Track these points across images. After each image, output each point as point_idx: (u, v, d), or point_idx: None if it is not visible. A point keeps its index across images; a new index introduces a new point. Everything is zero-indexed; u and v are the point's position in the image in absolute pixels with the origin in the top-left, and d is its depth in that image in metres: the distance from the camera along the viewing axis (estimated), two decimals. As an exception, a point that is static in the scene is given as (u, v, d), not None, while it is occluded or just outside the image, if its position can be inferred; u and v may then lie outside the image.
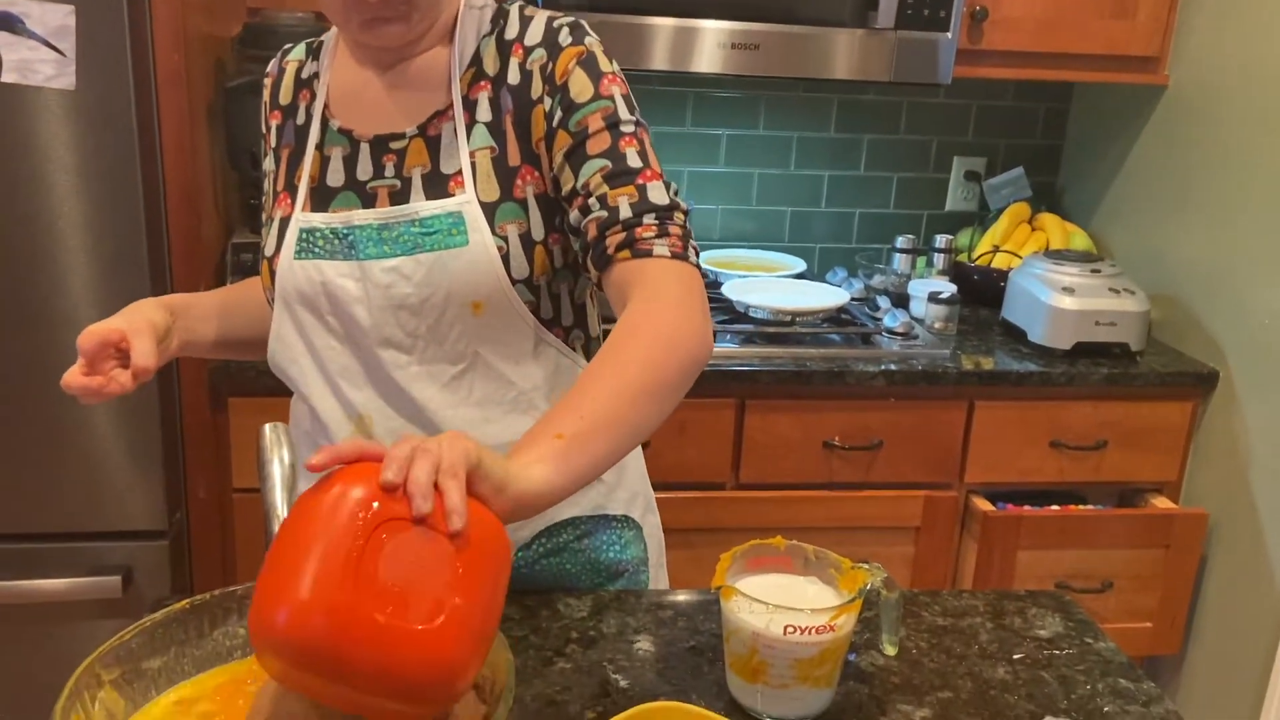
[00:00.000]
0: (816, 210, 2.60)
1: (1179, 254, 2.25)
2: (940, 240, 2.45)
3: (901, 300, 2.33)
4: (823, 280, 2.40)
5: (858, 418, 2.04)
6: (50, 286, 1.65)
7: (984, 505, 2.09)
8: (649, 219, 1.02)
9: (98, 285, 1.66)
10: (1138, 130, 2.39)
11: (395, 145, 1.09)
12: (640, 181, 1.03)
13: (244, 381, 1.83)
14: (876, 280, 2.42)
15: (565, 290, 1.12)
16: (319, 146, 1.12)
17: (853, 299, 2.27)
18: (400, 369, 1.08)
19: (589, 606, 1.10)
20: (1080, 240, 2.45)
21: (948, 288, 2.24)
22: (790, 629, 0.89)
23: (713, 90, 2.47)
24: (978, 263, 2.44)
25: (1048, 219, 2.50)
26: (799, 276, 2.39)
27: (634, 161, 1.04)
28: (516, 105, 1.07)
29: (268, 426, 0.96)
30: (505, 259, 1.05)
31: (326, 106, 1.13)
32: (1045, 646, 1.07)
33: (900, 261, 2.44)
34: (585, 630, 1.05)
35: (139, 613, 0.82)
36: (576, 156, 1.04)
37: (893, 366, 2.02)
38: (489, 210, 1.05)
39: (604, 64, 1.07)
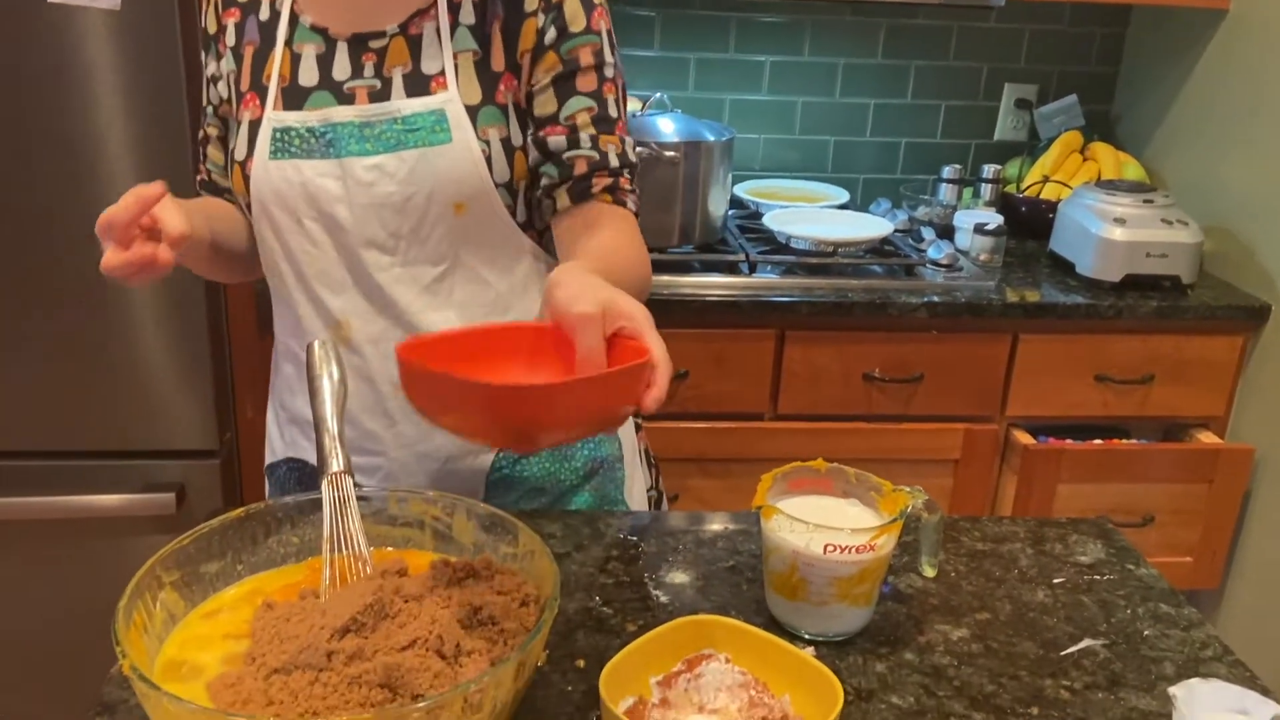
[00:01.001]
0: (861, 140, 2.55)
1: (1235, 185, 2.19)
2: (988, 170, 2.40)
3: (946, 232, 2.29)
4: (866, 211, 2.36)
5: (899, 350, 2.03)
6: (100, 206, 1.66)
7: (1025, 438, 2.08)
8: (627, 173, 1.11)
9: (146, 208, 1.67)
10: (1196, 56, 2.31)
11: (375, 44, 1.07)
12: (619, 134, 1.10)
13: (289, 306, 1.85)
14: (921, 211, 2.38)
15: (534, 197, 1.13)
16: (287, 43, 1.09)
17: (896, 230, 2.24)
18: (382, 270, 1.08)
19: (629, 526, 1.11)
20: (1133, 170, 2.39)
21: (994, 219, 2.21)
22: (830, 548, 0.89)
23: (756, 15, 2.42)
24: (1026, 194, 2.39)
25: (1100, 148, 2.44)
26: (842, 207, 2.36)
27: (613, 110, 1.10)
28: (507, 13, 1.07)
29: (316, 343, 0.97)
30: (488, 162, 1.06)
31: (295, 1, 1.10)
32: (1085, 572, 1.07)
33: (946, 192, 2.40)
34: (626, 549, 1.07)
35: (193, 528, 0.84)
36: (564, 87, 1.08)
37: (935, 299, 2.00)
38: (471, 113, 1.06)
39: None
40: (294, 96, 1.08)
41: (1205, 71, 2.30)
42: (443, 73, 1.06)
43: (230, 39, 1.13)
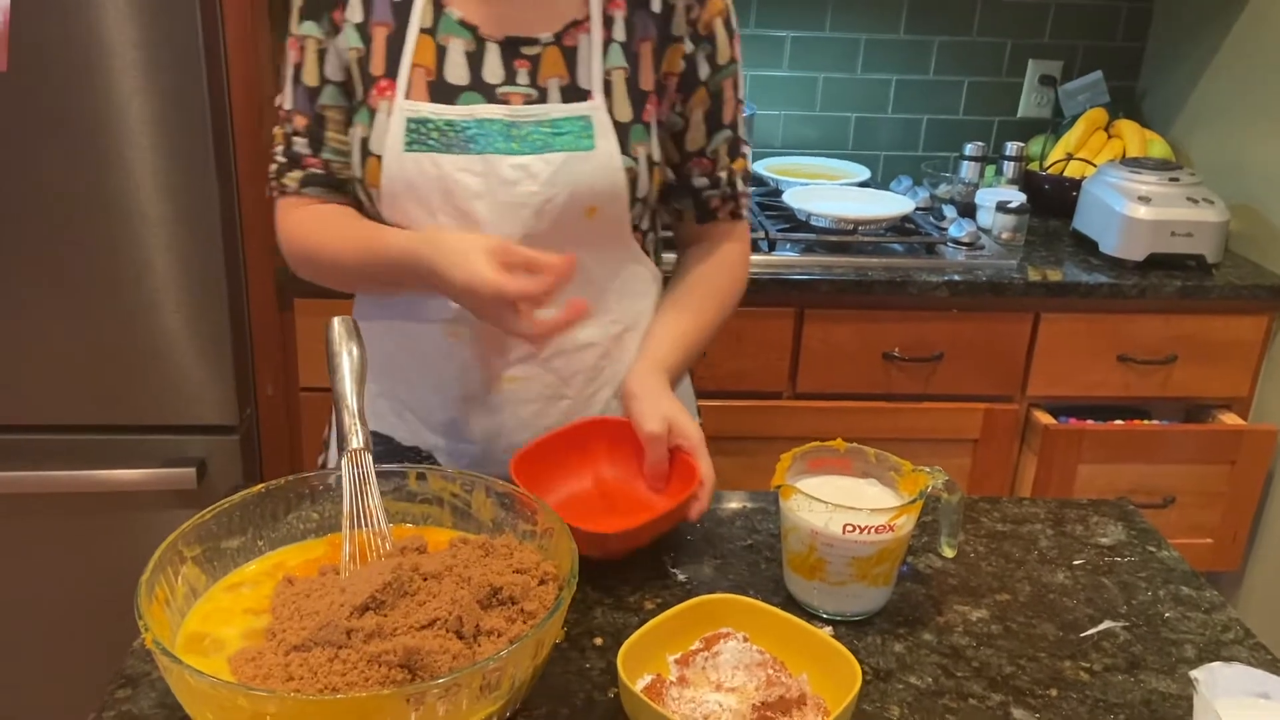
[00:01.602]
0: (883, 116, 2.53)
1: (1262, 163, 2.16)
2: (1011, 148, 2.37)
3: (968, 210, 2.27)
4: (887, 189, 2.34)
5: (918, 329, 2.02)
6: (119, 182, 1.68)
7: (1045, 418, 2.07)
8: (745, 188, 1.21)
9: (165, 179, 1.68)
10: (1224, 32, 2.27)
11: (528, 51, 1.06)
12: (744, 151, 1.19)
13: (308, 283, 1.85)
14: (943, 189, 2.36)
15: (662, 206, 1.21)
16: (429, 32, 1.05)
17: (917, 208, 2.22)
18: None
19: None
20: (1159, 148, 2.36)
21: (1017, 197, 2.18)
22: (849, 528, 0.89)
23: (778, -11, 2.40)
24: (1049, 171, 2.37)
25: (1125, 126, 2.41)
26: (862, 185, 2.34)
27: (742, 130, 1.19)
28: (659, 34, 1.09)
29: (337, 320, 0.97)
30: (634, 180, 1.08)
31: None
32: (1106, 554, 1.06)
33: (968, 170, 2.37)
34: (645, 526, 1.07)
35: (214, 503, 0.85)
36: (712, 120, 1.15)
37: (956, 277, 1.98)
38: (622, 129, 1.07)
39: (734, 20, 1.14)
40: (441, 92, 1.05)
41: (1233, 47, 2.26)
42: (596, 88, 1.07)
43: (354, 14, 1.07)
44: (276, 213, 1.16)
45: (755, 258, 1.97)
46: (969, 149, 2.37)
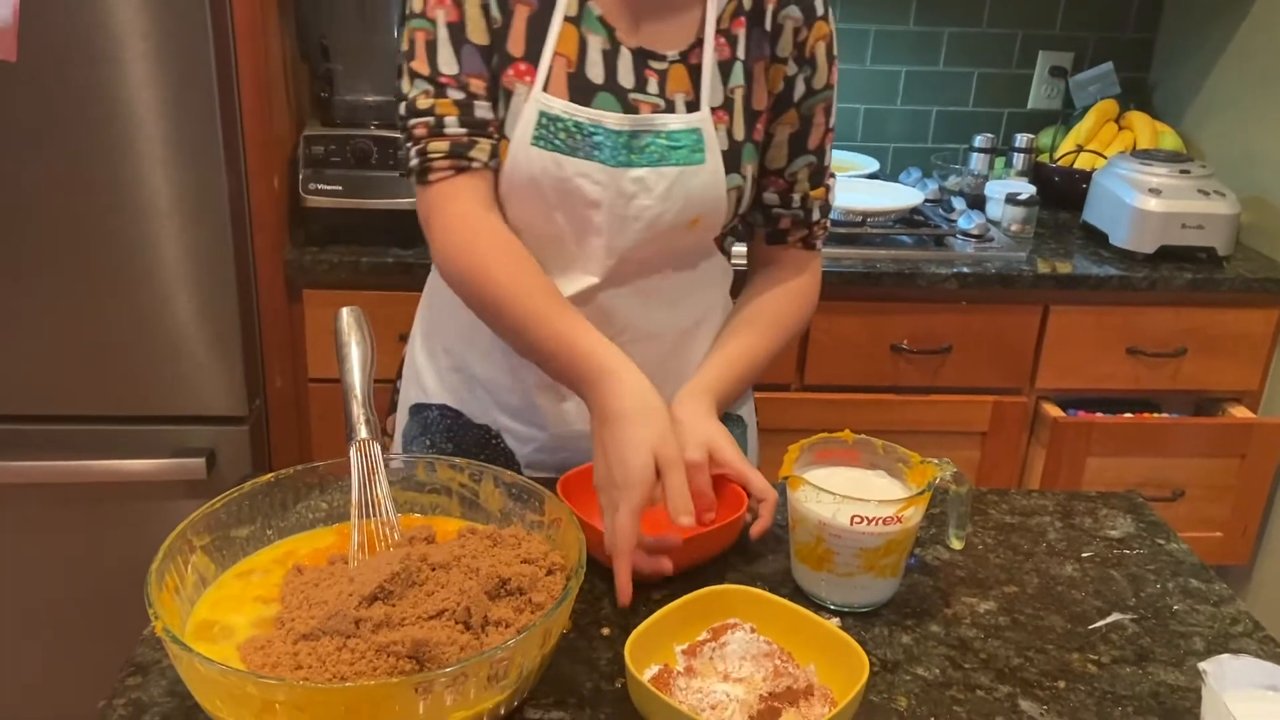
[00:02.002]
0: (892, 108, 2.52)
1: (1274, 155, 2.15)
2: (1021, 140, 2.37)
3: (977, 202, 2.26)
4: (895, 181, 2.34)
5: (927, 321, 2.01)
6: (131, 176, 1.68)
7: (1054, 411, 2.06)
8: (824, 219, 1.18)
9: (176, 174, 1.68)
10: (1236, 23, 2.26)
11: (656, 65, 1.06)
12: (828, 182, 1.17)
13: (317, 274, 1.86)
14: (952, 181, 2.35)
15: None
16: (574, 21, 1.03)
17: (926, 200, 2.21)
18: (599, 261, 1.07)
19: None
20: (1170, 140, 2.35)
21: (1026, 189, 2.18)
22: (857, 519, 0.89)
23: (787, -19, 2.38)
24: (1060, 163, 2.36)
25: (1136, 117, 2.40)
26: (871, 177, 2.33)
27: (828, 159, 1.16)
28: (771, 53, 1.08)
29: (345, 310, 0.97)
30: (739, 197, 1.09)
31: None
32: (1115, 546, 1.06)
33: (977, 162, 2.36)
34: (652, 517, 1.07)
35: (223, 493, 0.85)
36: (796, 143, 1.13)
37: (965, 269, 1.98)
38: (735, 148, 1.08)
39: (835, 46, 1.12)
40: (580, 89, 1.02)
41: (1245, 38, 2.24)
42: (720, 107, 1.07)
43: None
44: (432, 199, 1.02)
45: (763, 249, 1.97)
46: (978, 141, 2.36)
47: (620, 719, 0.79)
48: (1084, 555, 1.04)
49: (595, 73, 1.03)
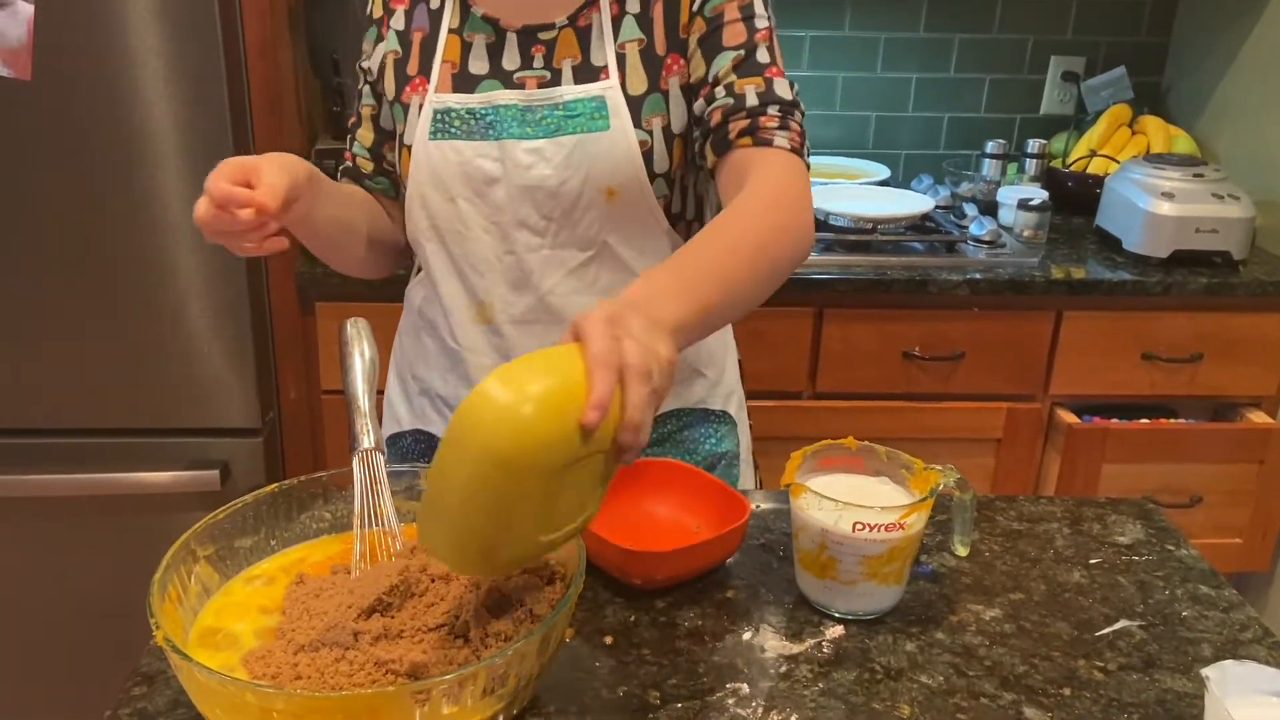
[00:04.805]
0: (903, 115, 2.51)
1: (1291, 158, 2.13)
2: (1033, 145, 2.35)
3: (990, 208, 2.25)
4: (907, 188, 2.33)
5: (939, 328, 2.01)
6: (144, 189, 1.70)
7: (1069, 417, 2.05)
8: (773, 109, 1.04)
9: (189, 189, 1.70)
10: (1250, 25, 2.24)
11: (544, 36, 1.08)
12: (768, 75, 1.06)
13: (330, 286, 1.88)
14: (964, 187, 2.35)
15: (690, 182, 1.14)
16: (456, 31, 1.10)
17: (938, 207, 2.21)
18: (531, 252, 1.10)
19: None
20: (1184, 144, 2.33)
21: (1039, 194, 2.17)
22: (859, 526, 0.89)
23: (797, -11, 2.39)
24: (1072, 168, 2.34)
25: (1149, 121, 2.38)
26: (883, 184, 2.33)
27: (763, 56, 1.07)
28: None
29: (349, 321, 0.98)
30: (649, 154, 1.07)
31: None
32: (1124, 552, 1.05)
33: (990, 168, 2.35)
34: (657, 525, 1.07)
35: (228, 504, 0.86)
36: (710, 44, 1.06)
37: (977, 275, 1.97)
38: (635, 103, 1.06)
39: None
40: (464, 83, 1.09)
41: (1259, 41, 2.23)
42: (608, 65, 1.07)
43: (399, 23, 1.14)
44: None
45: (774, 258, 1.97)
46: (990, 147, 2.35)
47: (621, 727, 0.79)
48: (1092, 562, 1.03)
49: (479, 66, 1.09)
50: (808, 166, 1.06)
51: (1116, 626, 0.93)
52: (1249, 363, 2.06)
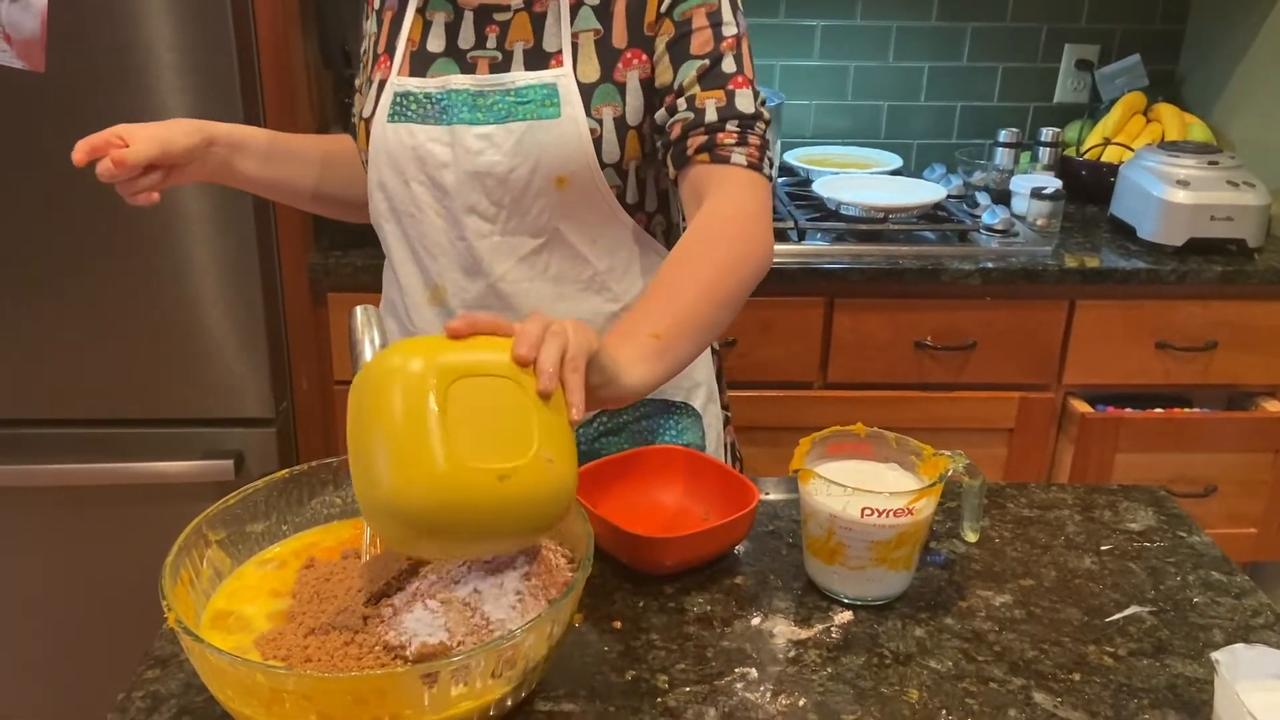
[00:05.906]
0: (916, 104, 2.50)
1: (1307, 145, 2.11)
2: (1046, 134, 2.34)
3: (1003, 197, 2.24)
4: (920, 177, 2.32)
5: (951, 317, 2.00)
6: (157, 182, 1.70)
7: (1082, 407, 2.04)
8: (731, 125, 1.04)
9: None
10: (1265, 11, 2.22)
11: (499, 17, 1.09)
12: (730, 87, 1.05)
13: (342, 277, 1.88)
14: (976, 177, 2.33)
15: (651, 176, 1.13)
16: (420, 10, 1.12)
17: (950, 196, 2.20)
18: (482, 238, 1.10)
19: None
20: (1199, 131, 2.31)
21: (1052, 183, 2.15)
22: (868, 511, 0.89)
23: (808, -22, 2.38)
24: (1086, 157, 2.33)
25: (1164, 109, 2.36)
26: (895, 173, 2.32)
27: (729, 66, 1.06)
28: None
29: (359, 309, 0.98)
30: (598, 142, 1.06)
31: None
32: (1135, 539, 1.05)
33: (1002, 157, 2.34)
34: (666, 512, 1.07)
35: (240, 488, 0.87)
36: (677, 50, 1.06)
37: (989, 265, 1.96)
38: (586, 91, 1.06)
39: None
40: (420, 62, 1.11)
41: (1275, 28, 2.20)
42: (561, 51, 1.07)
43: (377, 2, 1.18)
44: None
45: (785, 248, 1.97)
46: (1003, 135, 2.34)
47: (630, 713, 0.80)
48: (1103, 548, 1.03)
49: (436, 44, 1.10)
50: (769, 179, 1.06)
51: (1127, 612, 0.93)
52: (1264, 352, 2.05)
